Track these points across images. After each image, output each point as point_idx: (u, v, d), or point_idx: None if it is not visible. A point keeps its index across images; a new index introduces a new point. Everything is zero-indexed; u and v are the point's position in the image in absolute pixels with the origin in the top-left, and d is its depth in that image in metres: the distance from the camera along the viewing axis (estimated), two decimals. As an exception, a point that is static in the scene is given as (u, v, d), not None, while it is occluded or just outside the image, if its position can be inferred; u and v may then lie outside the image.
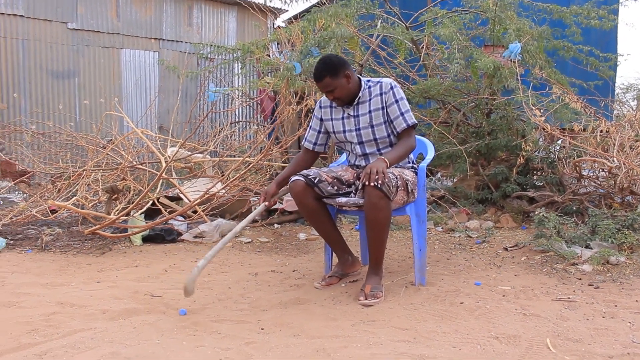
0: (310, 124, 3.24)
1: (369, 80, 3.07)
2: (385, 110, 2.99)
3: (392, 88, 2.99)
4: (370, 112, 3.01)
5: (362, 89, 3.02)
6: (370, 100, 3.02)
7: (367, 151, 3.07)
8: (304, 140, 3.24)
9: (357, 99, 3.02)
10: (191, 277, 2.64)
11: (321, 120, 3.19)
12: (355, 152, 3.10)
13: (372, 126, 3.01)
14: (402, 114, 2.97)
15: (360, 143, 3.05)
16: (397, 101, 2.98)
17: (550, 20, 6.04)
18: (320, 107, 3.20)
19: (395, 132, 3.02)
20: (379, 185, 2.65)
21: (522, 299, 2.83)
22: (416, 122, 3.03)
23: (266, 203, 2.99)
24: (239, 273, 3.46)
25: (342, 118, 3.09)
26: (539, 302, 2.77)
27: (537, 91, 4.99)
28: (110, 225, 4.11)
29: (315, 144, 3.20)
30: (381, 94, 3.00)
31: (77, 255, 3.93)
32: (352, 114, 3.05)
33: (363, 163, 3.09)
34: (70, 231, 4.51)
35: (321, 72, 2.91)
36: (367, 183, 2.68)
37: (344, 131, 3.08)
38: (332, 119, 3.14)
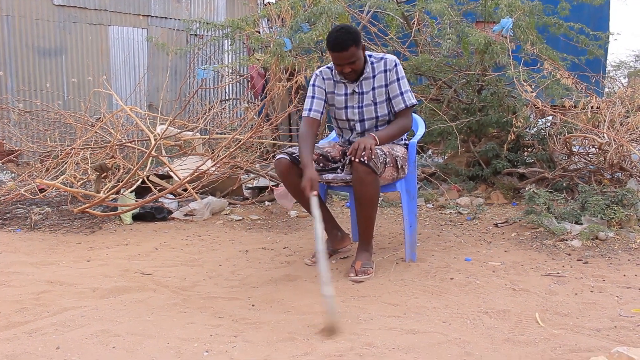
0: (312, 94, 3.05)
1: (370, 55, 3.01)
2: (387, 87, 2.97)
3: (395, 65, 2.96)
4: (374, 89, 2.98)
5: (366, 65, 2.97)
6: (374, 76, 2.98)
7: (367, 127, 3.04)
8: (308, 112, 3.02)
9: (361, 76, 2.96)
10: (331, 311, 2.17)
11: (325, 91, 3.06)
12: (355, 129, 3.07)
13: (375, 104, 2.99)
14: (401, 93, 2.95)
15: (362, 121, 3.02)
16: (398, 79, 2.96)
17: (542, -5, 5.99)
18: (323, 78, 3.06)
19: (393, 111, 3.00)
20: (365, 161, 2.64)
21: (512, 275, 2.84)
22: (415, 102, 3.01)
23: (315, 192, 2.67)
24: (230, 250, 3.46)
25: (345, 94, 3.02)
26: (528, 278, 2.78)
27: (529, 67, 4.97)
28: (100, 204, 4.08)
29: (321, 113, 3.04)
30: (385, 71, 2.96)
31: (67, 234, 3.91)
32: (357, 90, 2.99)
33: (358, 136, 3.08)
34: (60, 210, 4.49)
35: (346, 41, 2.77)
36: (353, 159, 2.66)
37: (346, 107, 3.03)
38: (334, 93, 3.05)
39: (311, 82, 3.09)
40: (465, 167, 5.35)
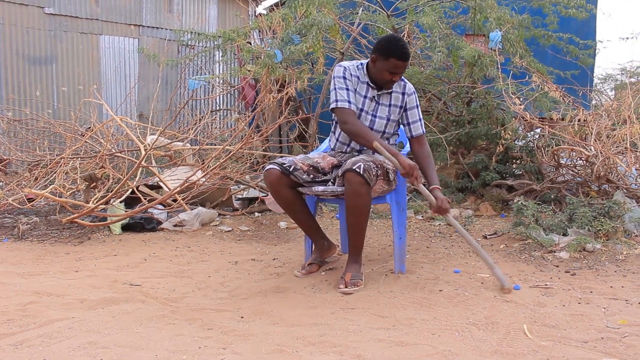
0: (346, 86, 2.98)
1: None
2: (402, 110, 3.10)
3: (414, 93, 3.14)
4: (390, 105, 3.09)
5: None
6: (392, 93, 3.09)
7: None
8: (347, 104, 2.94)
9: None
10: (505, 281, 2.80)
11: (353, 86, 3.03)
12: None
13: (388, 119, 3.08)
14: (420, 119, 3.13)
15: (371, 129, 3.05)
16: (417, 106, 3.14)
17: (530, 8, 6.07)
18: (352, 74, 3.03)
19: (409, 135, 3.14)
20: (360, 172, 2.66)
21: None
22: (424, 131, 3.18)
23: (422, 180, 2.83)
24: (219, 261, 3.45)
25: (365, 97, 3.05)
26: (517, 289, 2.80)
27: (517, 80, 5.02)
28: (89, 214, 4.07)
29: (356, 105, 3.00)
30: (403, 94, 3.10)
31: (55, 244, 3.89)
32: (376, 99, 3.07)
33: (358, 147, 3.11)
34: (48, 220, 4.46)
35: (409, 53, 2.92)
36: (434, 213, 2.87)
37: (362, 110, 3.05)
38: (357, 91, 3.04)
39: (340, 74, 3.01)
40: (455, 179, 5.37)
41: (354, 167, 2.69)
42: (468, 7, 5.67)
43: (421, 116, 3.15)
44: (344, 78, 3.00)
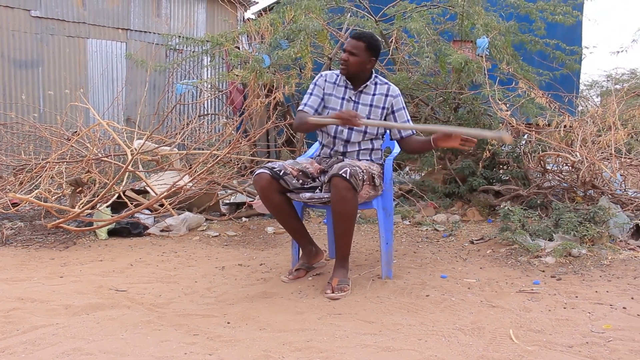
0: (311, 91, 3.17)
1: (376, 76, 3.17)
2: (387, 111, 3.12)
3: (399, 95, 3.16)
4: (371, 105, 3.11)
5: (370, 80, 3.13)
6: (374, 95, 3.12)
7: (352, 139, 3.10)
8: (303, 106, 3.13)
9: (362, 86, 3.11)
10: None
11: (324, 91, 3.17)
12: (341, 135, 3.11)
13: (367, 119, 3.09)
14: (408, 120, 3.14)
15: (350, 129, 3.08)
16: (403, 108, 3.16)
17: (517, 15, 6.11)
18: (326, 80, 3.18)
19: (399, 136, 3.15)
20: (346, 177, 2.67)
21: (487, 291, 2.87)
22: (415, 132, 3.20)
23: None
24: (206, 267, 3.43)
25: (343, 99, 3.13)
26: (503, 294, 2.81)
27: (504, 86, 5.06)
28: (75, 219, 4.03)
29: (316, 110, 3.14)
30: (387, 96, 3.12)
31: (40, 249, 3.85)
32: (353, 99, 3.12)
33: (341, 148, 3.12)
34: (33, 225, 4.42)
35: (362, 36, 3.03)
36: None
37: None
38: (333, 95, 3.15)
39: (314, 81, 3.22)
40: (442, 184, 5.39)
41: (340, 172, 2.70)
42: (456, 14, 5.71)
43: (409, 117, 3.16)
44: (315, 84, 3.19)
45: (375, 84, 3.14)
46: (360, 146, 3.12)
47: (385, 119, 3.13)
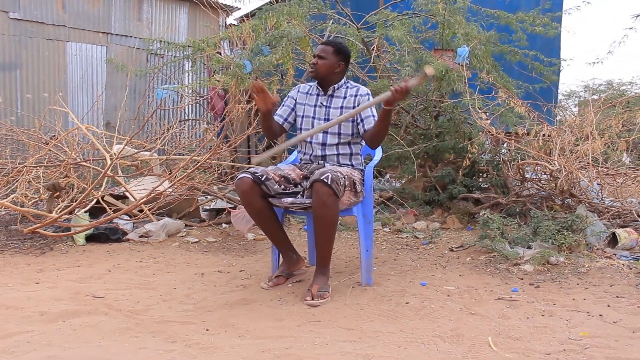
0: (283, 103, 3.33)
1: (348, 82, 3.24)
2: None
3: (368, 94, 3.18)
4: (342, 107, 3.15)
5: (341, 85, 3.19)
6: (345, 98, 3.17)
7: (327, 142, 3.13)
8: (274, 114, 3.27)
9: (332, 89, 3.16)
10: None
11: (295, 101, 3.30)
12: (315, 138, 3.15)
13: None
14: (373, 115, 3.11)
15: (325, 132, 3.13)
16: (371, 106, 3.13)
17: (498, 25, 6.19)
18: (299, 91, 3.32)
19: (363, 130, 3.10)
20: (328, 182, 2.67)
21: (466, 299, 2.88)
22: None
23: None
24: (185, 273, 3.40)
25: (315, 105, 3.21)
26: (482, 302, 2.83)
27: (484, 95, 5.11)
28: (52, 224, 3.97)
29: (285, 119, 3.28)
30: (355, 96, 3.17)
31: (15, 255, 3.78)
32: (324, 104, 3.18)
33: (319, 152, 3.15)
34: (9, 230, 4.35)
35: (331, 41, 3.20)
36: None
37: (313, 117, 3.20)
38: (305, 104, 3.24)
39: (289, 93, 3.37)
40: (422, 192, 5.42)
41: (322, 178, 2.70)
42: (437, 23, 5.76)
43: (375, 113, 3.10)
44: (288, 96, 3.34)
45: (347, 87, 3.20)
46: (338, 150, 3.14)
47: (360, 120, 3.12)
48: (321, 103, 3.19)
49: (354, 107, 3.11)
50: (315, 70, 3.13)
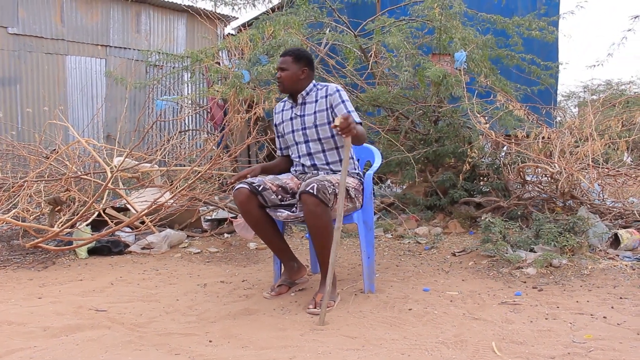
0: (277, 134, 3.38)
1: (317, 84, 3.21)
2: (329, 111, 3.10)
3: (337, 91, 3.12)
4: (315, 112, 3.13)
5: (310, 90, 3.17)
6: (316, 101, 3.14)
7: (312, 150, 3.14)
8: (280, 151, 3.40)
9: (301, 98, 3.16)
10: None
11: (276, 126, 3.33)
12: (300, 151, 3.17)
13: (315, 126, 3.11)
14: (348, 111, 3.04)
15: (307, 142, 3.15)
16: (343, 102, 3.09)
17: (494, 30, 6.21)
18: (275, 112, 3.35)
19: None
20: (313, 192, 2.67)
21: (469, 304, 2.88)
22: (361, 121, 3.09)
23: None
24: (188, 284, 3.40)
25: (291, 119, 3.21)
26: (485, 306, 2.82)
27: (482, 99, 5.11)
28: (54, 238, 3.98)
29: (286, 147, 3.35)
30: (326, 96, 3.12)
31: (18, 270, 3.78)
32: (298, 114, 3.18)
33: (308, 162, 3.15)
34: (11, 245, 4.35)
35: (288, 50, 3.17)
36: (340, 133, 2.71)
37: (292, 131, 3.20)
38: (283, 122, 3.26)
39: (273, 122, 3.39)
40: (423, 197, 5.42)
41: (307, 189, 2.72)
42: (434, 28, 5.77)
43: (351, 108, 3.06)
44: (275, 125, 3.37)
45: (317, 90, 3.16)
46: (327, 158, 3.12)
47: (333, 119, 3.07)
48: (295, 114, 3.19)
49: (326, 108, 3.09)
50: (281, 84, 3.14)
